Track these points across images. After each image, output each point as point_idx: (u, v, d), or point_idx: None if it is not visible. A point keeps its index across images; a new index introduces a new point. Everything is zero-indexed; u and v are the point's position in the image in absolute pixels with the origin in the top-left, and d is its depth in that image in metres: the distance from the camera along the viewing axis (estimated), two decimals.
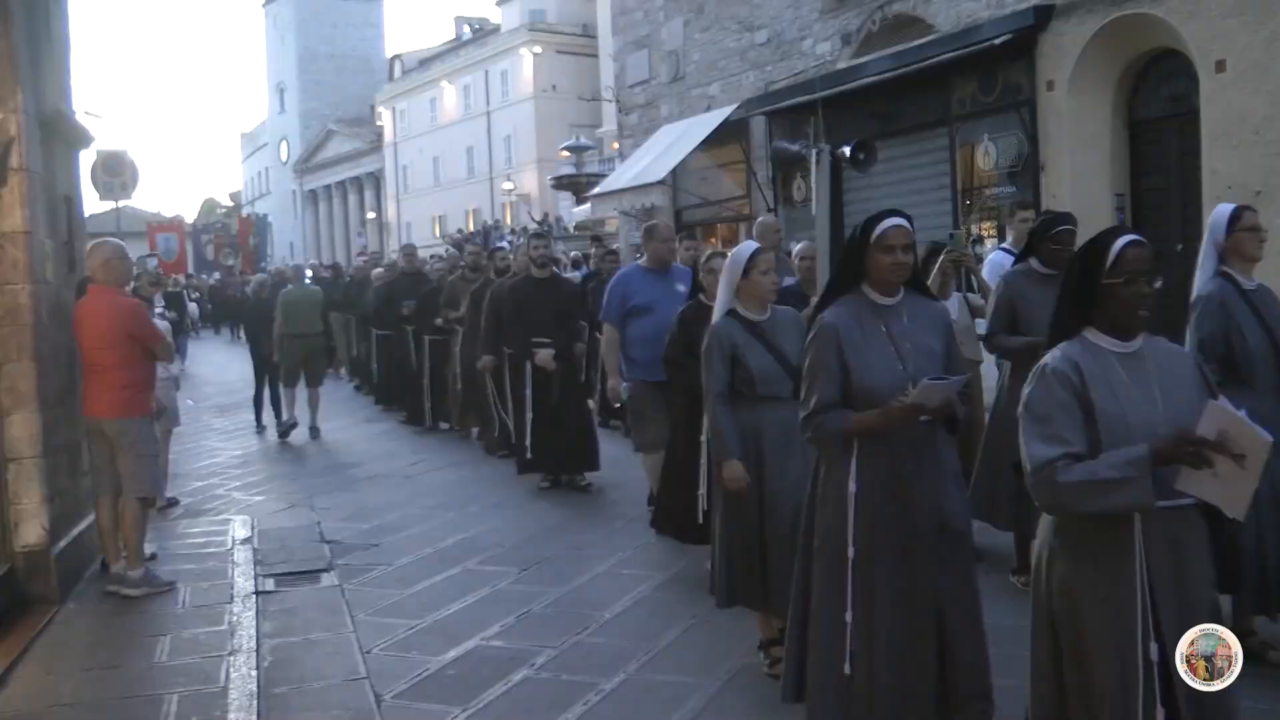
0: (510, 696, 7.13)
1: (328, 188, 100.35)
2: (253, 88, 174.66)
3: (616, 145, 34.09)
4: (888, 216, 5.64)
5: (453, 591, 9.47)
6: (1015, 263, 8.82)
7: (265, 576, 10.12)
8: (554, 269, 14.78)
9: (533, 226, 44.70)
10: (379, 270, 23.34)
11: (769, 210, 23.26)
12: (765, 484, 7.14)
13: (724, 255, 8.63)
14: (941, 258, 9.35)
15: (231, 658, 7.84)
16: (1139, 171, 16.61)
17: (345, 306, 24.78)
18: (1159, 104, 16.26)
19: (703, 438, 8.37)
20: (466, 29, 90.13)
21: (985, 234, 18.52)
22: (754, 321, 7.28)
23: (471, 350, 15.36)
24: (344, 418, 20.86)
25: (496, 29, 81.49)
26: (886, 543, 5.57)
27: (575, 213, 39.52)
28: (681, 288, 10.85)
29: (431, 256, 24.36)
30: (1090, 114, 16.44)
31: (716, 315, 7.37)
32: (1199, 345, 7.11)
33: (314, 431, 19.00)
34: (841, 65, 21.10)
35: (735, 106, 23.80)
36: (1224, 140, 14.23)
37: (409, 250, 21.92)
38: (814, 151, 13.60)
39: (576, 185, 37.95)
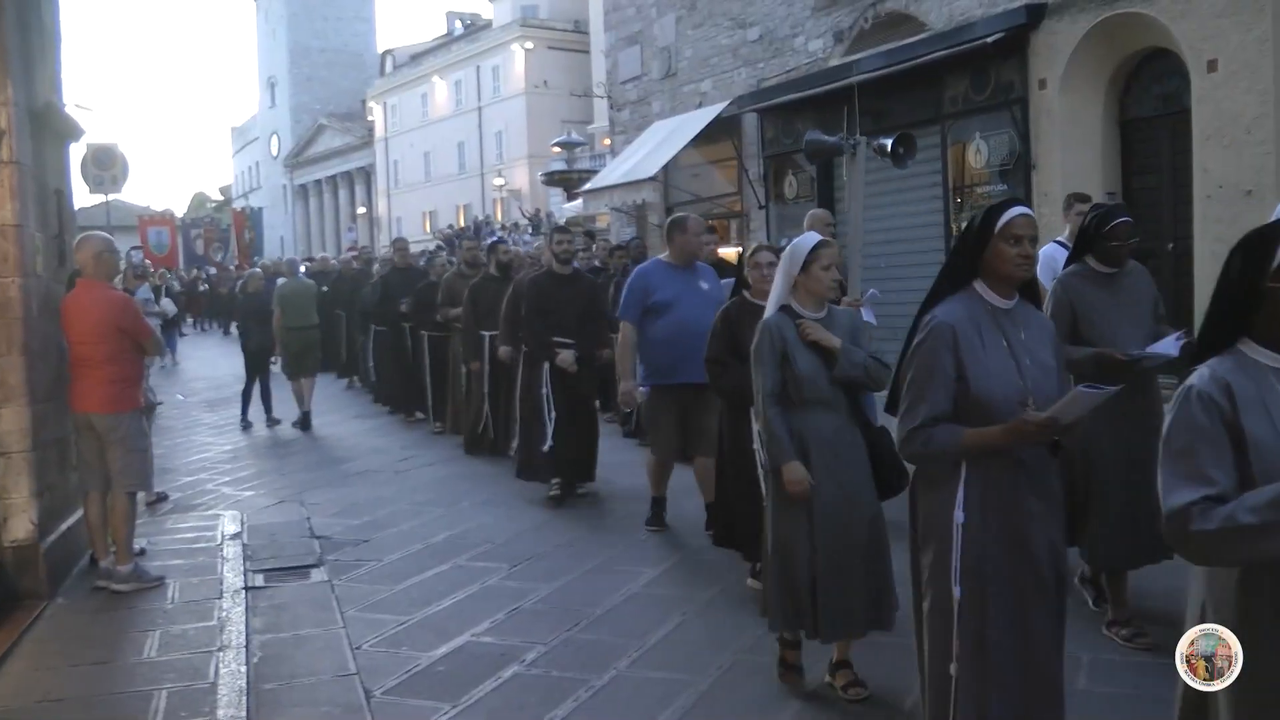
0: (500, 692, 7.12)
1: (318, 182, 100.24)
2: (243, 82, 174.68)
3: (608, 141, 34.08)
4: (1013, 205, 5.08)
5: (443, 587, 9.45)
6: (1067, 261, 8.27)
7: (255, 572, 10.11)
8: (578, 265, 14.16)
9: (524, 222, 44.73)
10: (377, 265, 23.01)
11: (760, 207, 23.34)
12: (815, 497, 6.59)
13: (771, 249, 8.74)
14: None
15: (221, 653, 7.83)
16: (1130, 170, 16.61)
17: (341, 303, 24.27)
18: (1151, 103, 16.26)
19: (755, 445, 7.93)
20: (458, 24, 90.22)
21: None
22: (810, 320, 6.76)
23: (466, 349, 15.50)
24: (334, 413, 20.86)
25: (488, 24, 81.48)
26: (999, 585, 4.90)
27: (566, 209, 39.53)
28: (705, 285, 10.73)
29: (421, 252, 24.32)
30: (1082, 113, 16.44)
31: (770, 310, 6.89)
32: None
33: (304, 419, 19.48)
34: (834, 63, 21.08)
35: (727, 103, 23.79)
36: (1215, 139, 14.24)
37: (401, 244, 21.41)
38: (851, 144, 13.12)
39: (567, 181, 37.98)
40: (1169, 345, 7.28)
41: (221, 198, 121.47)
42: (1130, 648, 7.39)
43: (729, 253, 19.84)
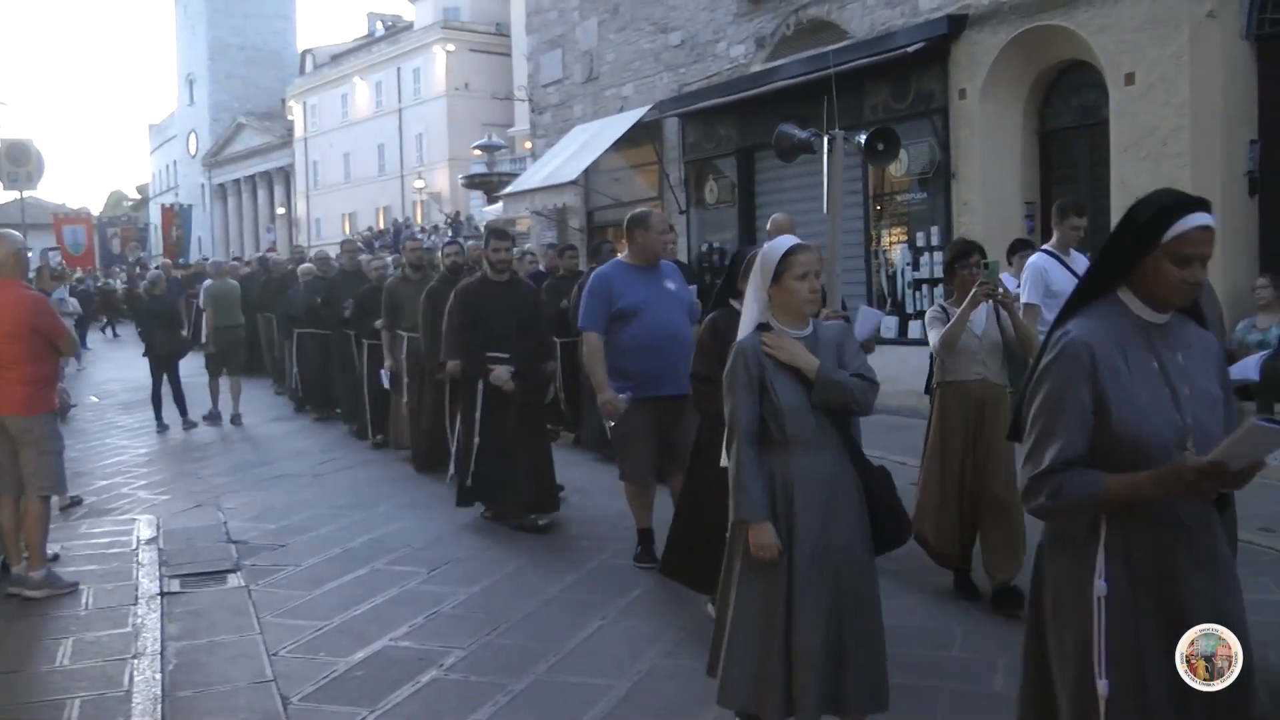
0: (419, 697, 7.08)
1: (237, 182, 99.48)
2: (162, 78, 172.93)
3: (529, 144, 34.05)
4: (1192, 210, 3.95)
5: (361, 592, 9.38)
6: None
7: (170, 578, 9.97)
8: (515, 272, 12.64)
9: (444, 225, 44.56)
10: (306, 266, 21.95)
11: (681, 212, 23.34)
12: (796, 551, 5.58)
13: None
14: (974, 291, 8.23)
15: (135, 661, 7.73)
16: (1049, 180, 16.77)
17: (267, 305, 23.95)
18: (1070, 114, 16.42)
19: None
20: (379, 25, 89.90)
21: (893, 240, 18.65)
22: (787, 336, 5.76)
23: (429, 358, 13.87)
24: (253, 416, 20.66)
25: (409, 26, 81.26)
26: (1158, 679, 3.84)
27: (486, 212, 39.44)
28: (672, 285, 9.90)
29: (336, 256, 24.12)
30: (1002, 122, 16.58)
31: (744, 329, 5.88)
32: None
33: (236, 419, 19.95)
34: (756, 68, 21.15)
35: (649, 108, 23.80)
36: (1133, 151, 14.40)
37: (349, 247, 20.55)
38: (825, 138, 11.88)
39: (488, 184, 37.86)
40: (1249, 367, 6.96)
41: (139, 196, 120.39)
42: None
43: None
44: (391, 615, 8.75)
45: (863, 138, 11.71)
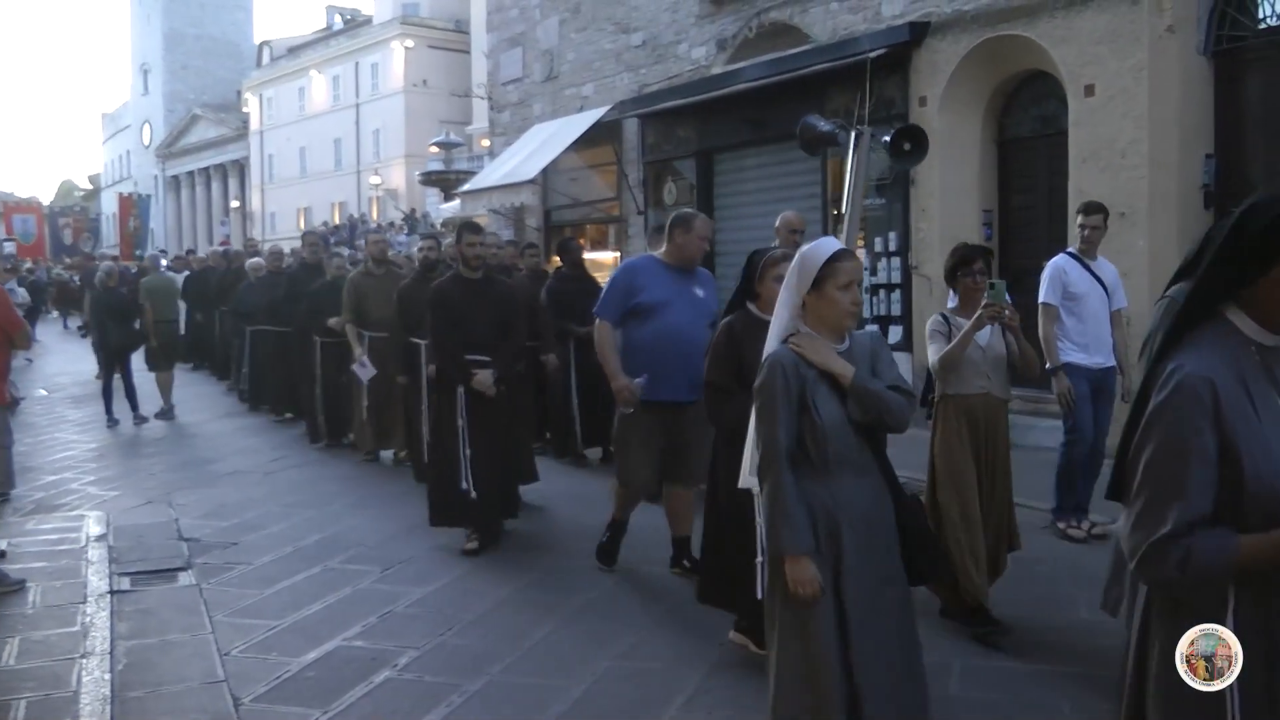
0: (372, 698, 7.05)
1: (191, 174, 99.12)
2: (116, 67, 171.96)
3: (487, 142, 34.00)
4: None
5: (314, 591, 9.34)
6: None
7: (120, 575, 9.89)
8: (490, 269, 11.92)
9: (400, 221, 44.46)
10: (256, 261, 21.48)
11: (639, 213, 23.32)
12: (846, 589, 5.10)
13: (782, 254, 7.27)
14: (979, 313, 7.71)
15: (84, 660, 7.67)
16: (1007, 189, 16.82)
17: (220, 300, 23.53)
18: (1029, 124, 16.47)
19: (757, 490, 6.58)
20: (338, 19, 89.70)
21: (857, 243, 18.68)
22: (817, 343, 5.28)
23: (397, 360, 13.62)
24: (204, 412, 20.59)
25: (368, 20, 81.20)
26: None
27: (443, 209, 39.34)
28: (701, 293, 9.32)
29: (293, 250, 23.99)
30: (961, 131, 16.61)
31: (773, 341, 5.37)
32: None
33: (167, 412, 19.89)
34: (716, 70, 21.14)
35: (609, 108, 23.76)
36: (1091, 162, 14.45)
37: (310, 240, 19.90)
38: (852, 133, 11.24)
39: (445, 182, 37.77)
40: None
41: (90, 186, 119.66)
42: None
43: (606, 258, 19.87)
44: (344, 614, 8.70)
45: (888, 137, 11.23)
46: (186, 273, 27.35)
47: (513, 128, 28.18)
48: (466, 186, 28.83)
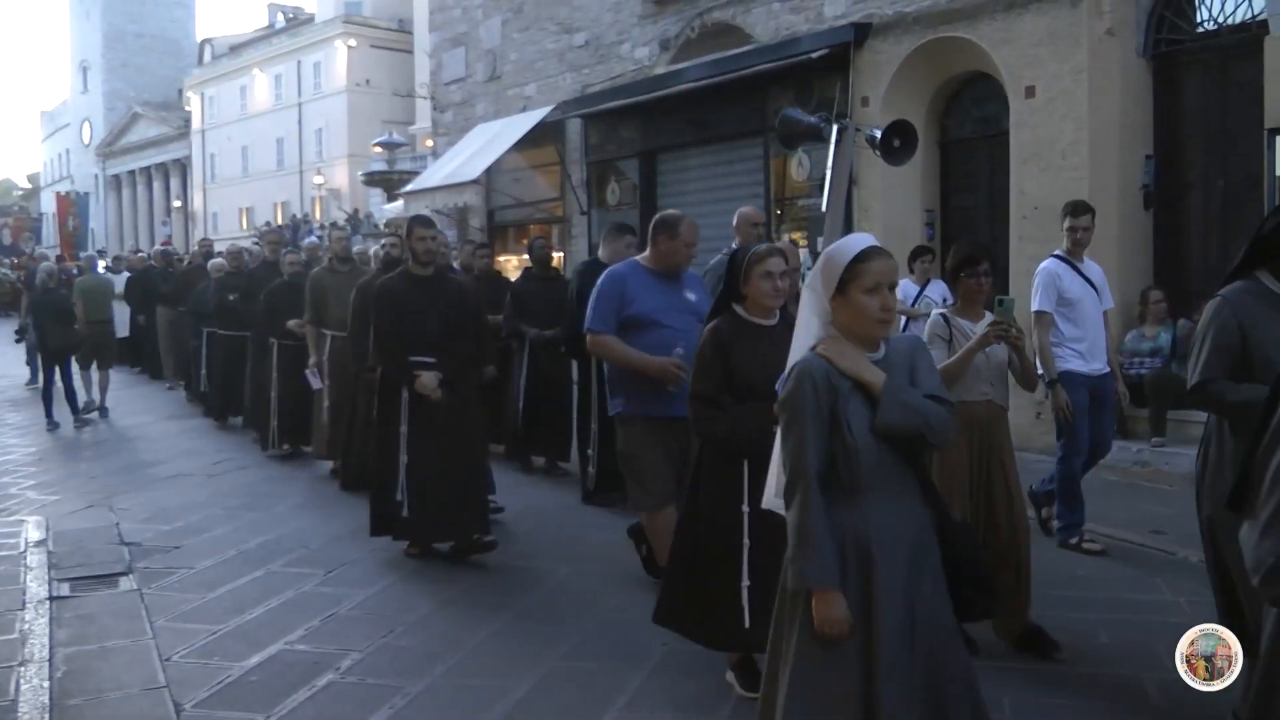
0: (315, 702, 6.99)
1: (132, 173, 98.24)
2: (55, 64, 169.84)
3: (430, 143, 33.94)
4: None
5: (256, 595, 9.25)
6: (1231, 275, 6.85)
7: (60, 581, 9.77)
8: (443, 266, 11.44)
9: (342, 220, 44.31)
10: (218, 261, 20.58)
11: (583, 213, 23.33)
12: (877, 628, 4.50)
13: (782, 252, 6.82)
14: (985, 330, 7.32)
15: (22, 668, 7.59)
16: (949, 189, 16.94)
17: (175, 300, 22.79)
18: (970, 125, 16.59)
19: (744, 508, 6.47)
20: (280, 17, 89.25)
21: (798, 243, 18.72)
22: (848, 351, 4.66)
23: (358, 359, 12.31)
24: (145, 414, 20.46)
25: (311, 19, 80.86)
26: None
27: (386, 209, 39.25)
28: (693, 297, 8.65)
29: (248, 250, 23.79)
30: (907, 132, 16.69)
31: (800, 348, 4.76)
32: None
33: (103, 411, 19.97)
34: (659, 71, 21.18)
35: (551, 108, 23.76)
36: (1032, 162, 14.58)
37: (272, 237, 19.45)
38: (835, 127, 10.52)
39: (388, 182, 37.74)
40: None
41: (29, 185, 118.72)
42: None
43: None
44: (287, 618, 8.63)
45: (878, 132, 10.52)
46: (127, 273, 27.03)
47: (456, 128, 28.14)
48: (409, 187, 28.82)
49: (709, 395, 6.61)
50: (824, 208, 10.29)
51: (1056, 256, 9.88)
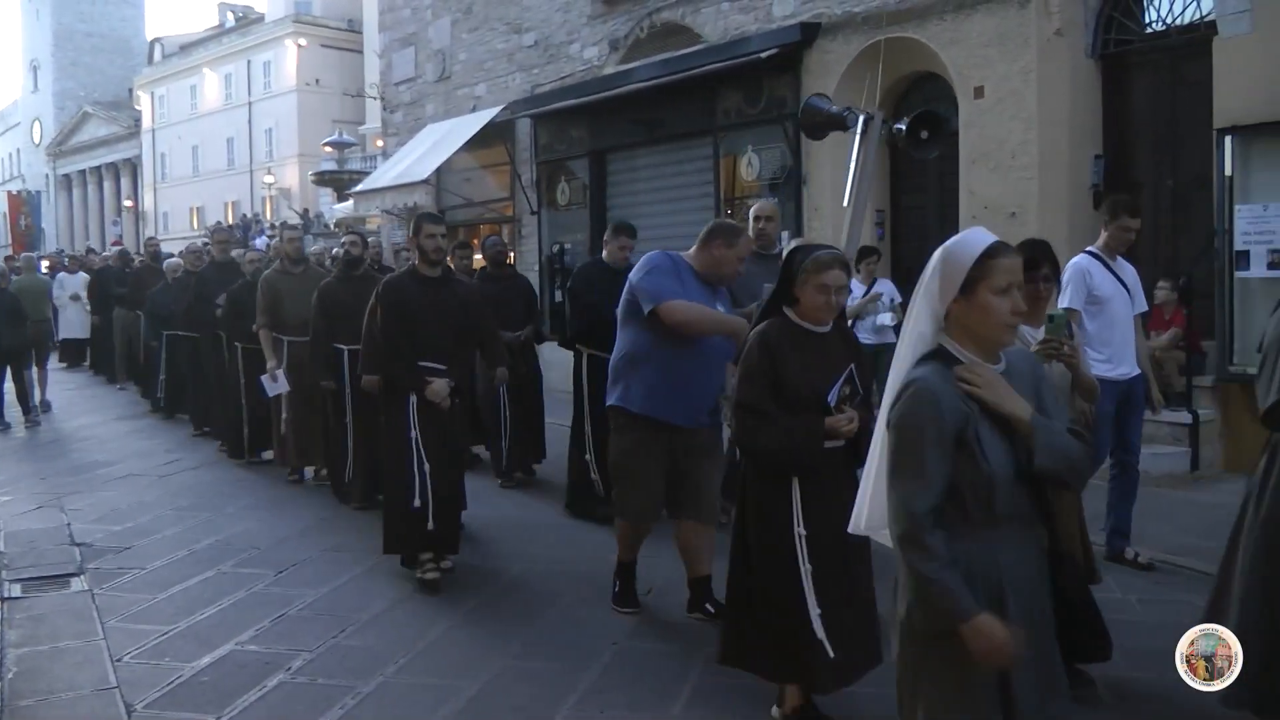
0: (265, 702, 6.99)
1: (83, 173, 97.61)
2: (5, 63, 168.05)
3: (380, 143, 33.90)
4: None
5: (207, 595, 9.22)
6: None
7: (11, 582, 9.76)
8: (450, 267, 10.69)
9: (294, 220, 44.17)
10: (174, 261, 20.29)
11: (533, 213, 23.32)
12: (1016, 685, 4.01)
13: (841, 260, 6.17)
14: (1034, 347, 7.03)
15: None
16: (899, 189, 17.00)
17: (132, 301, 22.19)
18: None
19: (799, 530, 6.00)
20: (230, 16, 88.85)
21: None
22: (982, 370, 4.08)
23: (316, 366, 12.34)
24: (96, 414, 20.38)
25: (261, 18, 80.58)
26: None
27: (336, 209, 39.20)
28: (722, 309, 8.06)
29: (186, 248, 23.60)
30: (852, 131, 16.72)
31: (907, 357, 4.19)
32: None
33: (46, 405, 20.26)
34: (609, 71, 21.19)
35: (501, 108, 23.74)
36: (981, 163, 14.64)
37: (221, 236, 18.68)
38: (860, 117, 9.91)
39: (338, 182, 37.70)
40: None
41: None
42: None
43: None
44: (238, 618, 8.61)
45: (904, 124, 9.84)
46: (83, 274, 26.83)
47: (405, 128, 28.10)
48: (360, 187, 28.75)
49: (755, 405, 6.04)
50: (845, 202, 9.68)
51: (1089, 253, 9.28)
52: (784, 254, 6.74)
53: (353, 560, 10.20)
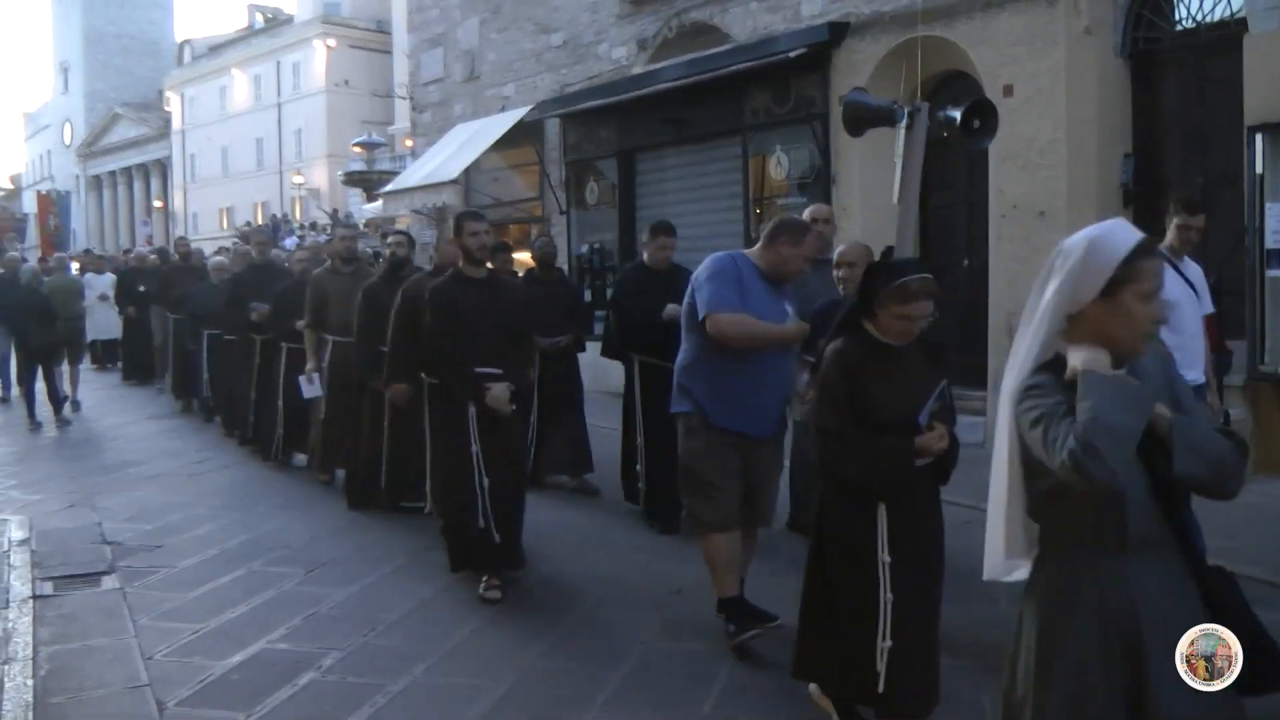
0: (295, 700, 7.01)
1: (113, 174, 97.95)
2: (37, 66, 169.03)
3: (409, 143, 33.89)
4: None
5: (238, 594, 9.25)
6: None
7: (43, 580, 9.77)
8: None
9: (323, 221, 44.25)
10: (218, 260, 19.90)
11: (561, 212, 23.31)
12: (1155, 711, 3.54)
13: (927, 299, 5.72)
14: None
15: (6, 667, 7.59)
16: (928, 188, 16.86)
17: (169, 301, 21.44)
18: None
19: (884, 557, 5.68)
20: (259, 18, 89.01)
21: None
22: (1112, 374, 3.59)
23: (363, 367, 11.93)
24: (127, 414, 20.44)
25: (290, 20, 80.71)
26: None
27: (365, 209, 39.28)
28: (790, 310, 7.72)
29: (217, 250, 23.66)
30: (881, 131, 16.60)
31: (1021, 368, 3.79)
32: None
33: (75, 404, 20.45)
34: (637, 70, 21.17)
35: (530, 108, 23.70)
36: (1010, 162, 14.56)
37: (260, 238, 18.67)
38: (907, 111, 9.09)
39: (367, 182, 37.73)
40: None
41: (10, 186, 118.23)
42: None
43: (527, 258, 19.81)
44: (269, 617, 8.64)
45: (957, 113, 9.04)
46: (108, 274, 26.85)
47: (434, 128, 28.10)
48: (389, 187, 28.78)
49: (837, 430, 5.68)
50: (894, 200, 9.06)
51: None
52: (834, 258, 6.98)
53: (383, 559, 10.23)
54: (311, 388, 13.25)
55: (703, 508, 7.63)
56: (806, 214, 10.21)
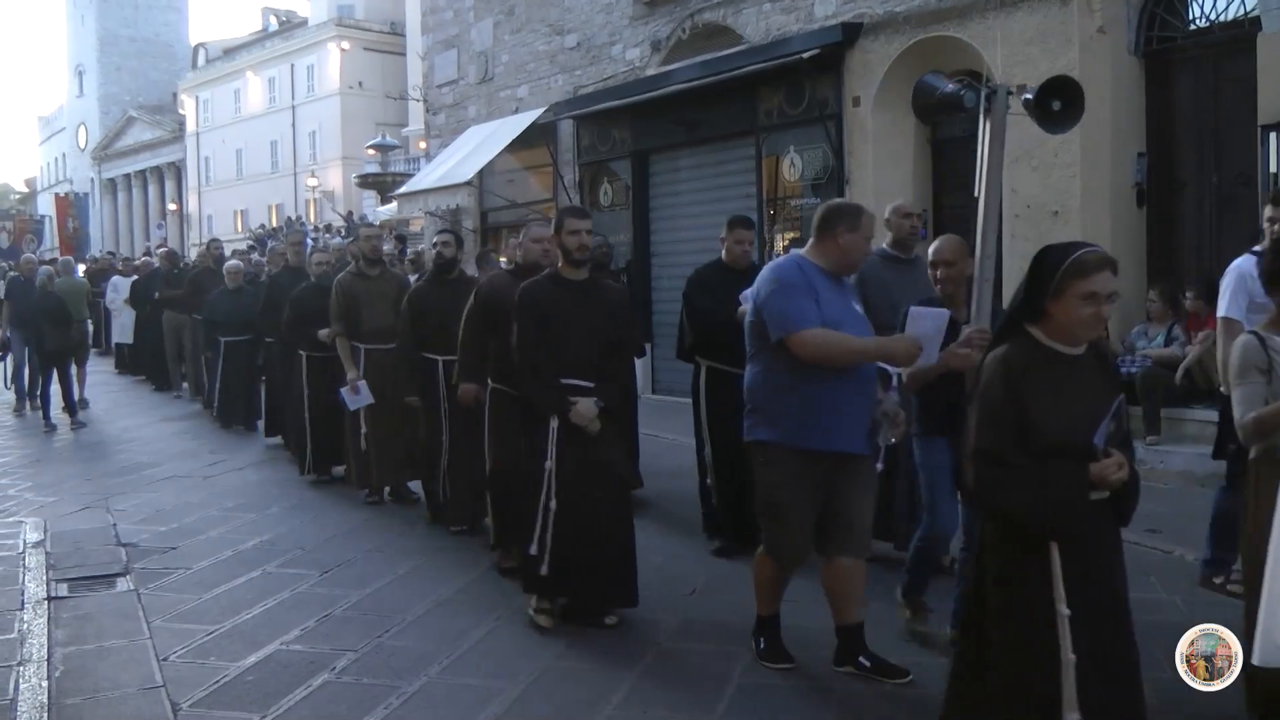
0: (310, 701, 7.01)
1: (127, 177, 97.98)
2: (52, 69, 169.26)
3: (423, 144, 33.91)
4: None
5: (252, 595, 9.26)
6: None
7: (58, 582, 9.77)
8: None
9: (338, 223, 44.27)
10: (234, 264, 19.55)
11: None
12: None
13: (1109, 267, 4.74)
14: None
15: (21, 668, 7.60)
16: (941, 189, 16.94)
17: (186, 305, 21.14)
18: (961, 124, 16.47)
19: (1061, 610, 4.63)
20: (273, 20, 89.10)
21: (786, 245, 18.71)
22: None
23: (402, 380, 11.57)
24: (141, 415, 20.47)
25: (304, 22, 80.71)
26: None
27: (380, 211, 39.28)
28: (859, 307, 7.13)
29: (234, 252, 23.63)
30: (894, 131, 16.70)
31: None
32: None
33: (84, 402, 20.47)
34: (651, 72, 21.18)
35: (544, 110, 23.74)
36: (1024, 161, 14.55)
37: (295, 238, 18.37)
38: (981, 94, 8.07)
39: (381, 184, 37.71)
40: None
41: (26, 189, 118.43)
42: None
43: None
44: (283, 618, 8.65)
45: (1030, 95, 7.90)
46: (135, 276, 26.75)
47: (448, 130, 28.13)
48: (403, 189, 28.82)
49: (1000, 453, 4.71)
50: (976, 193, 8.00)
51: (1253, 253, 8.06)
52: (929, 257, 6.50)
53: (396, 561, 10.23)
54: (358, 398, 12.42)
55: (776, 542, 7.10)
56: (892, 207, 9.61)
